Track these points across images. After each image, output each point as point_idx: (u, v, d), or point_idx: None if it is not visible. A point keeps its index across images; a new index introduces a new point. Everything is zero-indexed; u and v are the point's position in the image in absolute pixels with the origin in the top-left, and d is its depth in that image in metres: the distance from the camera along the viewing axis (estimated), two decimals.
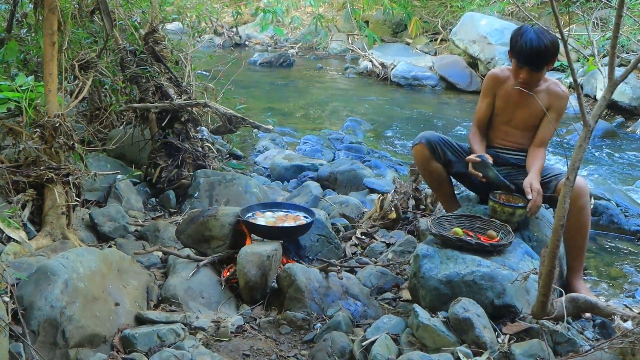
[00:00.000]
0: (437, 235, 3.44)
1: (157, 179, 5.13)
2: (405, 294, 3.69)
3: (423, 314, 3.08)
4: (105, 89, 5.41)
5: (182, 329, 3.16)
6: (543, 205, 3.82)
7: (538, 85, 3.84)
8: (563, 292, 3.09)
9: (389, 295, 3.77)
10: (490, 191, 3.78)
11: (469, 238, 3.45)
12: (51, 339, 2.81)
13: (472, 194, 4.27)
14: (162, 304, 3.45)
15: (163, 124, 5.17)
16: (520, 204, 3.63)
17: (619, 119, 9.39)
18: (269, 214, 4.04)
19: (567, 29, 11.04)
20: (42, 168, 3.89)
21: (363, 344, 3.04)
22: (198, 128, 5.47)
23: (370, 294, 3.73)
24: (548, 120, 3.82)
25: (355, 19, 15.16)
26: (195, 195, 4.94)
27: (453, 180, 4.16)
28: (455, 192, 4.47)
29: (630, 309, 3.07)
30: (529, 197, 3.55)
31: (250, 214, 3.96)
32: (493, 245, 3.38)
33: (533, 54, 3.64)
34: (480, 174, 3.70)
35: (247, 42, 16.61)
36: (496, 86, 3.96)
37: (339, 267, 3.71)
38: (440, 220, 3.65)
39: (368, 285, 3.81)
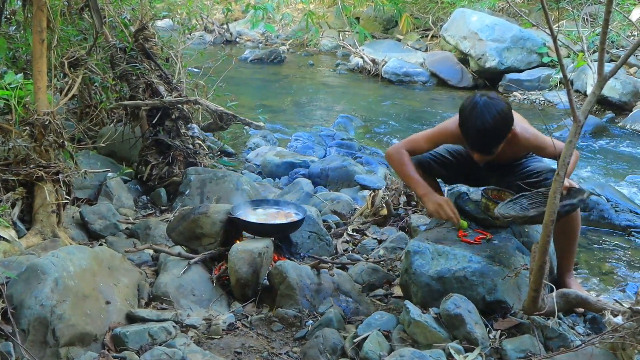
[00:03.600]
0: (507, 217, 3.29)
1: (148, 177, 5.12)
2: (397, 291, 3.69)
3: (414, 310, 3.09)
4: (95, 86, 5.40)
5: (174, 327, 3.15)
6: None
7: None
8: (554, 287, 3.09)
9: (380, 291, 3.77)
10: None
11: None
12: (41, 337, 2.80)
13: (462, 188, 4.28)
14: (153, 302, 3.44)
15: (154, 122, 5.16)
16: None
17: (609, 114, 9.42)
18: (260, 211, 4.03)
19: (557, 24, 11.08)
20: (31, 166, 3.88)
21: (355, 340, 3.04)
22: (189, 125, 5.45)
23: (362, 290, 3.73)
24: (538, 152, 3.67)
25: (346, 15, 15.15)
26: (187, 192, 4.93)
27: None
28: (447, 188, 4.49)
29: (621, 304, 3.07)
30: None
31: (241, 211, 3.95)
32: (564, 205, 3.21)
33: (480, 143, 3.40)
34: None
35: (237, 39, 16.57)
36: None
37: (330, 264, 3.71)
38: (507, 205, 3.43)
39: (360, 282, 3.81)
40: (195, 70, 7.23)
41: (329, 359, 3.01)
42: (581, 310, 3.43)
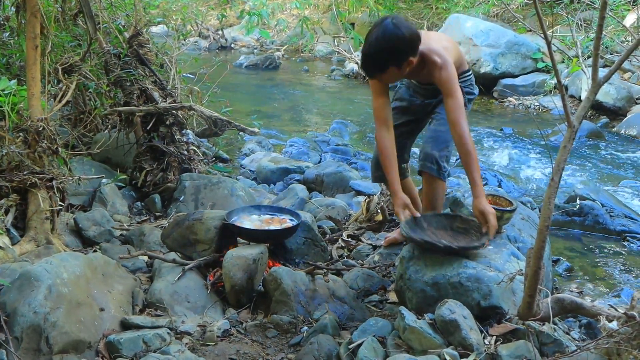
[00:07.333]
0: (406, 238, 3.40)
1: (142, 183, 5.11)
2: (392, 296, 3.68)
3: (409, 316, 3.08)
4: (90, 92, 5.38)
5: (168, 333, 3.14)
6: (526, 206, 3.83)
7: (416, 67, 3.54)
8: (549, 292, 3.09)
9: (375, 297, 3.76)
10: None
11: (438, 239, 3.40)
12: (35, 345, 2.78)
13: (457, 194, 4.27)
14: (147, 308, 3.42)
15: (148, 128, 5.15)
16: (508, 208, 3.62)
17: (604, 119, 9.45)
18: (255, 216, 4.03)
19: (551, 30, 11.12)
20: (25, 173, 3.87)
21: (350, 346, 3.03)
22: (183, 131, 5.45)
23: (357, 296, 3.72)
24: (443, 90, 3.58)
25: (341, 21, 15.17)
26: (181, 198, 4.92)
27: None
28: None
29: (616, 309, 3.07)
30: (484, 229, 3.37)
31: (236, 217, 3.94)
32: (462, 247, 3.33)
33: (362, 63, 3.50)
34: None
35: (232, 45, 16.60)
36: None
37: (325, 270, 3.70)
38: (418, 220, 3.54)
39: (355, 288, 3.80)
40: (189, 76, 7.24)
41: None
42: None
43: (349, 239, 4.59)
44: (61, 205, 4.06)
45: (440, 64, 3.52)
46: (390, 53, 3.39)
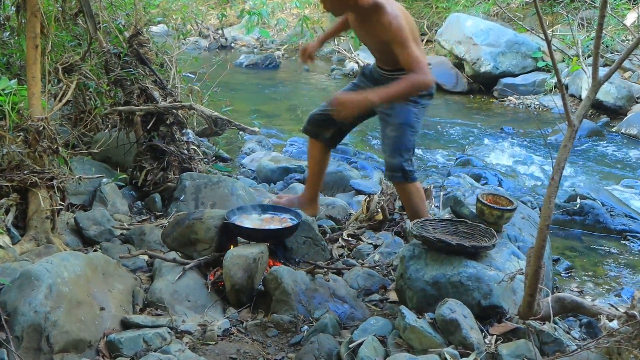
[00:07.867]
0: (418, 237, 3.41)
1: (142, 182, 5.10)
2: (392, 296, 3.68)
3: (410, 316, 3.08)
4: (90, 92, 5.37)
5: (168, 333, 3.14)
6: (526, 205, 3.83)
7: (364, 13, 3.68)
8: (549, 292, 3.09)
9: (376, 296, 3.76)
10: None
11: (450, 239, 3.41)
12: (35, 344, 2.78)
13: (458, 193, 4.27)
14: (148, 307, 3.42)
15: (148, 127, 5.14)
16: (508, 207, 3.62)
17: (604, 118, 9.45)
18: (255, 216, 4.03)
19: (552, 29, 11.12)
20: (25, 172, 3.87)
21: (350, 346, 3.03)
22: (184, 131, 5.44)
23: (357, 295, 3.72)
24: (395, 46, 3.64)
25: None
26: (181, 198, 4.91)
27: None
28: (442, 193, 4.48)
29: (616, 309, 3.07)
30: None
31: (236, 217, 3.94)
32: (475, 246, 3.34)
33: None
34: None
35: (233, 44, 16.59)
36: None
37: (325, 269, 3.70)
38: (423, 223, 3.61)
39: (355, 287, 3.80)
40: (190, 75, 7.23)
41: None
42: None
43: (349, 238, 4.59)
44: (61, 205, 4.06)
45: (389, 10, 3.61)
46: None
